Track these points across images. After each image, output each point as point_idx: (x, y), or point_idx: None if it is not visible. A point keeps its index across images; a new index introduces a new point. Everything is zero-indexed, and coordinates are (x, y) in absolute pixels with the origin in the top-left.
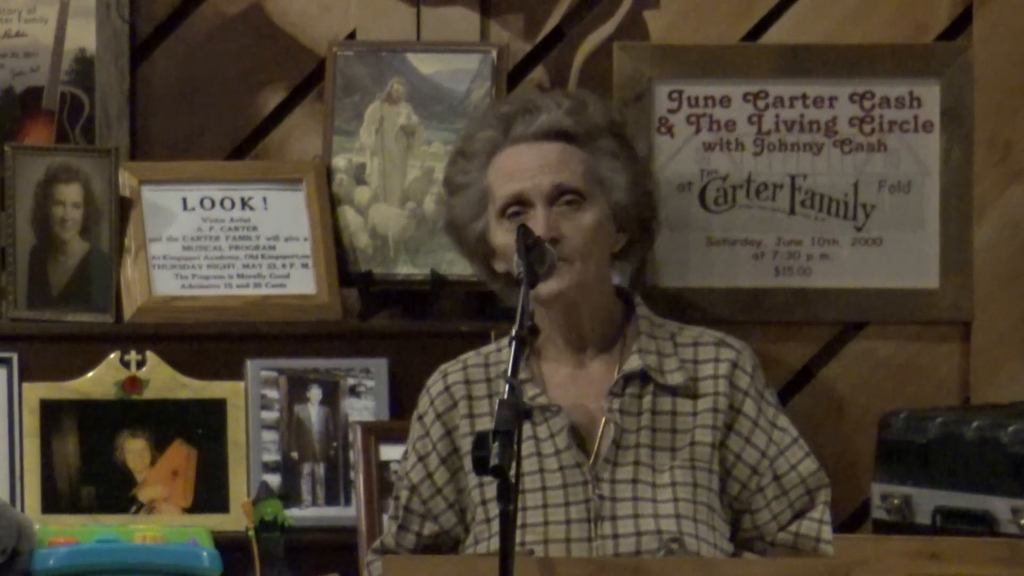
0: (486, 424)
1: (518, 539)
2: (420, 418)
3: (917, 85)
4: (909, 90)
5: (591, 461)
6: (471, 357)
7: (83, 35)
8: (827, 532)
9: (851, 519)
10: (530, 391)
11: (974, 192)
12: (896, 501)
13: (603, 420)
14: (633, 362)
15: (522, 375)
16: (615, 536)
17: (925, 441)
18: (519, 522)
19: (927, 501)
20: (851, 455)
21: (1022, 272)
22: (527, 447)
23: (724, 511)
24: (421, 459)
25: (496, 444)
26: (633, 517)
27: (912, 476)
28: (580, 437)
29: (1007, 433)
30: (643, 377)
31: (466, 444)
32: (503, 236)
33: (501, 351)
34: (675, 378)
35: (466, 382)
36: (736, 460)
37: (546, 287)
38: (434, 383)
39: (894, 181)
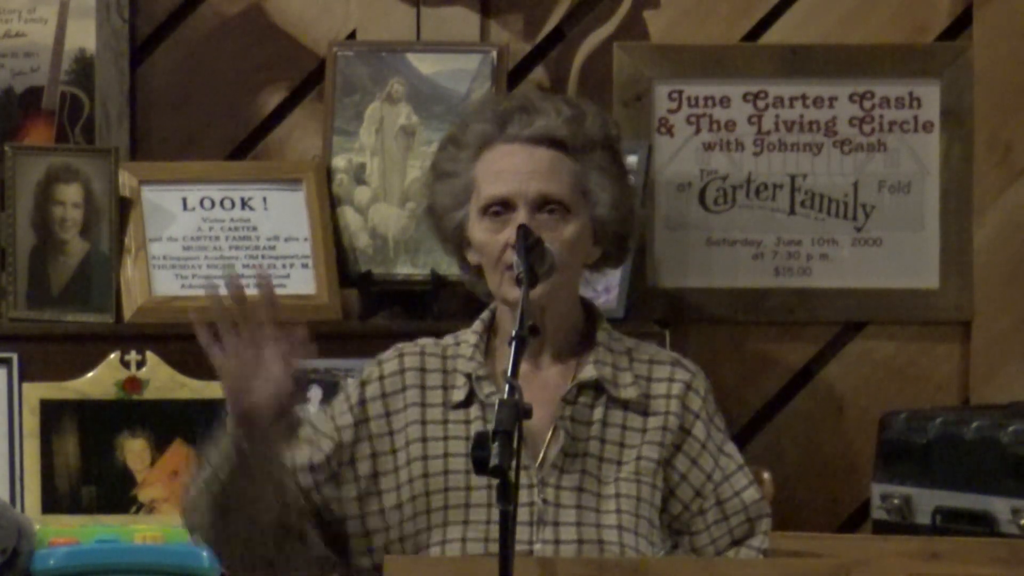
0: (437, 414)
1: (459, 535)
2: (363, 385)
3: (917, 85)
4: (909, 90)
5: (537, 465)
6: (428, 345)
7: (83, 35)
8: None
9: (851, 519)
10: (486, 388)
11: (974, 192)
12: (896, 501)
13: (552, 426)
14: (589, 371)
15: (480, 371)
16: (556, 542)
17: (925, 441)
18: (463, 518)
19: (927, 501)
20: (851, 455)
21: (1022, 272)
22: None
23: (662, 530)
24: (355, 424)
25: (496, 444)
26: (576, 525)
27: (912, 476)
28: (528, 440)
29: (1007, 433)
30: (597, 388)
31: (415, 432)
32: (481, 233)
33: (459, 345)
34: (628, 392)
35: (421, 370)
36: (681, 480)
37: (516, 293)
38: (388, 360)
39: (894, 181)
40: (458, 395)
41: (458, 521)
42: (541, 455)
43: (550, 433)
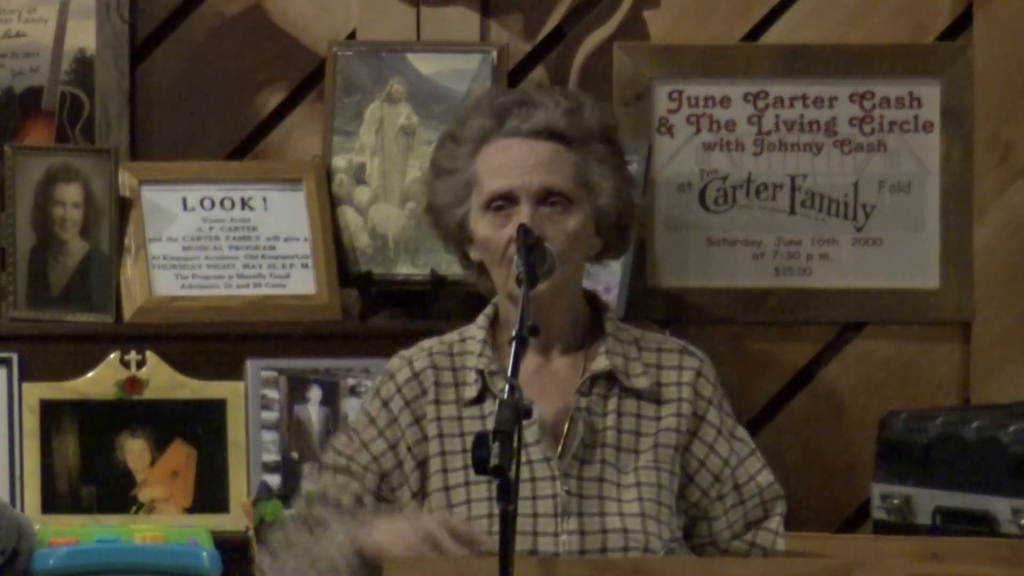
0: (451, 411)
1: (485, 528)
2: (385, 404)
3: (917, 85)
4: (909, 90)
5: (558, 457)
6: (434, 345)
7: (83, 35)
8: (781, 544)
9: (851, 519)
10: (498, 383)
11: (974, 192)
12: (896, 501)
13: (569, 417)
14: (601, 363)
15: (491, 367)
16: (581, 532)
17: (925, 441)
18: (486, 512)
19: (927, 501)
20: (851, 455)
21: (1022, 272)
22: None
23: (678, 516)
24: (392, 447)
25: (496, 444)
26: (599, 515)
27: (912, 476)
28: (545, 433)
29: (1007, 433)
30: (610, 378)
31: (432, 429)
32: (485, 229)
33: (465, 341)
34: (640, 382)
35: (433, 368)
36: (699, 467)
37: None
38: (399, 369)
39: (894, 181)
40: (470, 392)
41: (482, 515)
42: (559, 447)
43: (566, 425)
